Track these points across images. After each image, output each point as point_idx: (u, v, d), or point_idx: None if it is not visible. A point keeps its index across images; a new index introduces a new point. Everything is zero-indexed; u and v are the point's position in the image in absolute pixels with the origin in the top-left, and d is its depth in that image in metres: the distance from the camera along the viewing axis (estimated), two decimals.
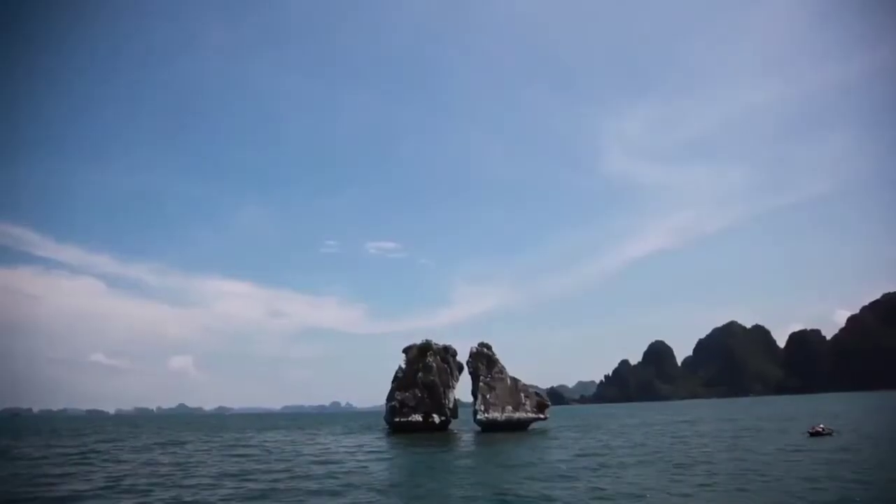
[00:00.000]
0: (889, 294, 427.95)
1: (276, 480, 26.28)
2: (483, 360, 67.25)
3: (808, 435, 38.97)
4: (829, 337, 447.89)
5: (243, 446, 50.29)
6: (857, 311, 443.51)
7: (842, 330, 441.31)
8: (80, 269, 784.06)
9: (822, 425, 40.78)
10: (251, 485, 25.02)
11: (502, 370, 66.29)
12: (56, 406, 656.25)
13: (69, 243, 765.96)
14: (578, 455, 33.92)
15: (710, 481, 21.88)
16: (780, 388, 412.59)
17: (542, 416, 64.89)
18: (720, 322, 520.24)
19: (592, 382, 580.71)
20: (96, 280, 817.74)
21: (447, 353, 73.37)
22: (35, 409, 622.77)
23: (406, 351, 73.59)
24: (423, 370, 69.63)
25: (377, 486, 24.14)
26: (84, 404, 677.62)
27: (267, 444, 53.41)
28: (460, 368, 72.63)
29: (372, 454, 40.85)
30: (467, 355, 69.38)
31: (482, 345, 69.29)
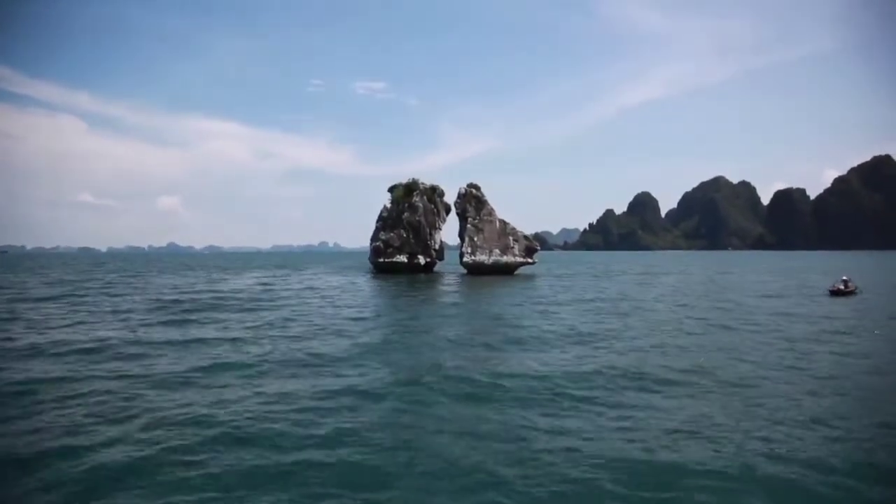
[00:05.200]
0: (879, 156, 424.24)
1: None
2: (472, 201, 62.80)
3: (829, 294, 34.68)
4: (814, 197, 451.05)
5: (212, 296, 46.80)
6: (845, 171, 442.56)
7: (826, 190, 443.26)
8: (58, 107, 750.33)
9: (843, 281, 35.61)
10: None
11: (491, 212, 62.19)
12: (49, 244, 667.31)
13: (44, 79, 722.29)
14: (573, 299, 30.40)
15: (745, 359, 17.82)
16: (758, 244, 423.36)
17: (530, 260, 62.16)
18: (709, 177, 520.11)
19: (576, 230, 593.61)
20: (77, 119, 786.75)
21: (434, 193, 68.97)
22: (28, 247, 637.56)
23: (391, 190, 68.97)
24: (409, 210, 65.58)
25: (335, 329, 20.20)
26: (77, 242, 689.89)
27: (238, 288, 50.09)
28: (447, 209, 68.65)
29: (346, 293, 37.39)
30: (455, 197, 64.85)
31: (471, 185, 64.37)
